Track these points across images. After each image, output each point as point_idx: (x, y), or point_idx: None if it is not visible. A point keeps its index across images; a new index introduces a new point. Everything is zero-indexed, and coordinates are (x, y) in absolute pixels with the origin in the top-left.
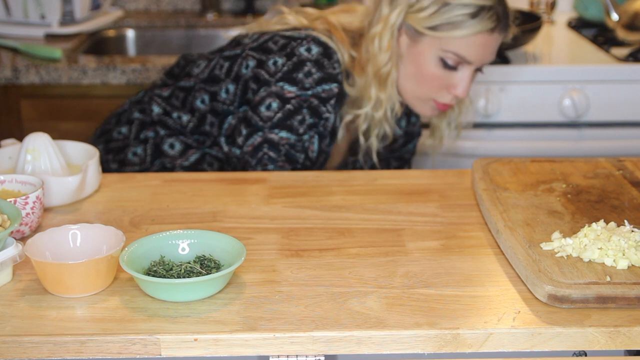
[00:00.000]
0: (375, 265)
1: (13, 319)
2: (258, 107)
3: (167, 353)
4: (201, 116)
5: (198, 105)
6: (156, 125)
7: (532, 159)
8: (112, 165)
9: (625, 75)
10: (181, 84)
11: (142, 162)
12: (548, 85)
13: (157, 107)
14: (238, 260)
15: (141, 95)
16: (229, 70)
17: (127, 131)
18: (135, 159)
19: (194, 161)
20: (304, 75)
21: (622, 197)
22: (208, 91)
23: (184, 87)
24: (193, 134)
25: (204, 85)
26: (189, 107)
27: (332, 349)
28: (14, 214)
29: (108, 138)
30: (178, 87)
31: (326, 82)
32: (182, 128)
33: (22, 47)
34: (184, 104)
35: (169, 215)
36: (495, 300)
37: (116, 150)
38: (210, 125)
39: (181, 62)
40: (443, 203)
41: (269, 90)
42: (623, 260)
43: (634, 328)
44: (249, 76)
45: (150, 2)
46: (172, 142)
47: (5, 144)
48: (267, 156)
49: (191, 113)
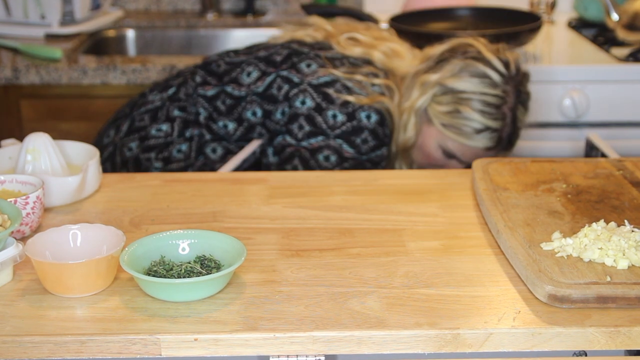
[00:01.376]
0: (375, 265)
1: (13, 319)
2: (317, 153)
3: (167, 353)
4: (250, 126)
5: (248, 117)
6: (202, 127)
7: (532, 159)
8: (155, 163)
9: (625, 75)
10: (229, 89)
11: (186, 157)
12: (548, 85)
13: (204, 111)
14: (238, 260)
15: (174, 91)
16: (287, 95)
17: (168, 128)
18: (181, 155)
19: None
20: (362, 141)
21: (622, 197)
22: (262, 108)
23: (233, 95)
24: (237, 142)
25: (259, 99)
26: (236, 115)
27: (332, 349)
28: (15, 214)
29: (144, 135)
30: (225, 91)
31: (379, 148)
32: (227, 135)
33: (22, 47)
34: (230, 111)
35: (169, 215)
36: (495, 300)
37: (158, 147)
38: (258, 135)
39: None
40: (443, 203)
41: (327, 142)
42: (623, 260)
43: (634, 328)
44: (303, 113)
45: (150, 2)
46: (215, 147)
47: (6, 144)
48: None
49: (238, 122)
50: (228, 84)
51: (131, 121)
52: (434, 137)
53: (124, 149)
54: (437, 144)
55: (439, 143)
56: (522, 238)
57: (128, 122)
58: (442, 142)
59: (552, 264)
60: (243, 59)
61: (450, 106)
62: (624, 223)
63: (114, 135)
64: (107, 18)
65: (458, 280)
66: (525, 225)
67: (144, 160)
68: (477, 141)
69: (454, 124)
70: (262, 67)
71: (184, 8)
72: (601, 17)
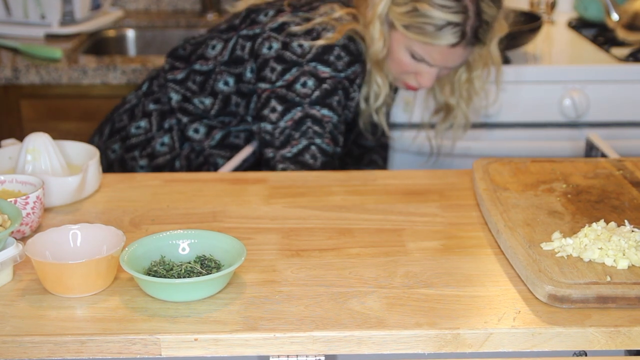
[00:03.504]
0: (375, 265)
1: (13, 319)
2: (293, 85)
3: (167, 353)
4: (225, 98)
5: (221, 88)
6: (177, 113)
7: (532, 159)
8: (140, 161)
9: (625, 75)
10: (197, 67)
11: (171, 149)
12: (548, 85)
13: (175, 94)
14: (238, 260)
15: (147, 86)
16: (252, 50)
17: (146, 124)
18: (164, 148)
19: (220, 139)
20: (335, 58)
21: (622, 197)
22: (232, 73)
23: (202, 71)
24: (217, 117)
25: (227, 67)
26: (209, 90)
27: (332, 349)
28: (15, 214)
29: (124, 135)
30: (193, 70)
31: (354, 64)
32: (205, 112)
33: (22, 47)
34: (203, 88)
35: (169, 215)
36: (495, 300)
37: (141, 145)
38: (235, 106)
39: (187, 45)
40: (443, 203)
41: (301, 70)
42: (623, 260)
43: (634, 328)
44: (271, 56)
45: (150, 2)
46: (196, 127)
47: (6, 144)
48: (313, 130)
49: (213, 96)
50: (195, 62)
51: (112, 124)
52: (401, 42)
53: (107, 152)
54: (404, 48)
55: (406, 47)
56: (522, 238)
57: (109, 125)
58: (408, 46)
59: (552, 264)
60: (206, 36)
61: (408, 6)
62: (624, 223)
63: (98, 140)
64: (107, 18)
65: (458, 280)
66: (525, 225)
67: (129, 159)
68: (440, 38)
69: (415, 23)
70: (224, 37)
71: (184, 8)
72: (601, 17)
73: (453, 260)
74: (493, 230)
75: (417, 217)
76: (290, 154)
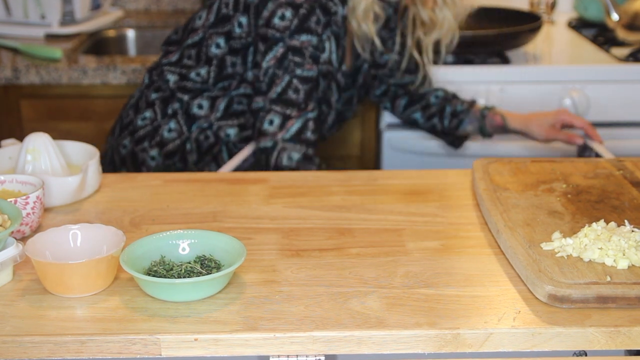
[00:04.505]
0: (375, 265)
1: (13, 319)
2: (271, 20)
3: (167, 353)
4: (220, 62)
5: (214, 52)
6: (177, 94)
7: (532, 159)
8: (151, 151)
9: (625, 75)
10: (189, 41)
11: (180, 134)
12: (548, 85)
13: (172, 75)
14: (238, 260)
15: (147, 78)
16: (236, 3)
17: (151, 114)
18: (173, 134)
19: (224, 108)
20: None
21: (622, 197)
22: (221, 33)
23: (193, 43)
24: (216, 84)
25: (214, 29)
26: (204, 59)
27: (332, 349)
28: (15, 214)
29: (132, 129)
30: (186, 46)
31: None
32: (204, 84)
33: (22, 47)
34: (198, 59)
35: (169, 215)
36: (495, 300)
37: (149, 135)
38: (232, 67)
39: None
40: (443, 203)
41: (277, 2)
42: (623, 260)
43: (634, 328)
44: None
45: (150, 2)
46: (199, 103)
47: (6, 144)
48: (293, 62)
49: (208, 64)
50: (187, 38)
51: (120, 121)
52: None
53: (119, 148)
54: None
55: None
56: (522, 238)
57: (119, 123)
58: None
59: (552, 264)
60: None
61: None
62: (624, 223)
63: (112, 140)
64: (107, 18)
65: (458, 280)
66: (525, 225)
67: (139, 152)
68: None
69: None
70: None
71: (184, 8)
72: (601, 17)
73: (453, 260)
74: (493, 230)
75: (417, 217)
76: (275, 94)
